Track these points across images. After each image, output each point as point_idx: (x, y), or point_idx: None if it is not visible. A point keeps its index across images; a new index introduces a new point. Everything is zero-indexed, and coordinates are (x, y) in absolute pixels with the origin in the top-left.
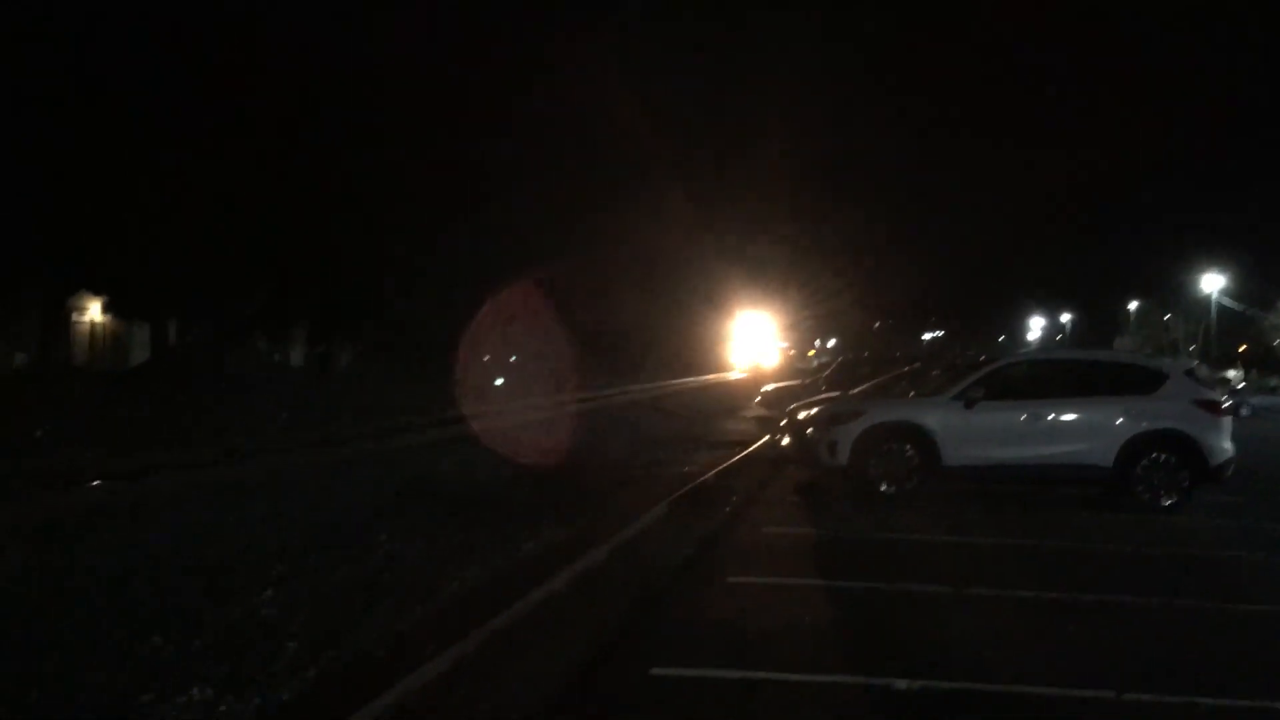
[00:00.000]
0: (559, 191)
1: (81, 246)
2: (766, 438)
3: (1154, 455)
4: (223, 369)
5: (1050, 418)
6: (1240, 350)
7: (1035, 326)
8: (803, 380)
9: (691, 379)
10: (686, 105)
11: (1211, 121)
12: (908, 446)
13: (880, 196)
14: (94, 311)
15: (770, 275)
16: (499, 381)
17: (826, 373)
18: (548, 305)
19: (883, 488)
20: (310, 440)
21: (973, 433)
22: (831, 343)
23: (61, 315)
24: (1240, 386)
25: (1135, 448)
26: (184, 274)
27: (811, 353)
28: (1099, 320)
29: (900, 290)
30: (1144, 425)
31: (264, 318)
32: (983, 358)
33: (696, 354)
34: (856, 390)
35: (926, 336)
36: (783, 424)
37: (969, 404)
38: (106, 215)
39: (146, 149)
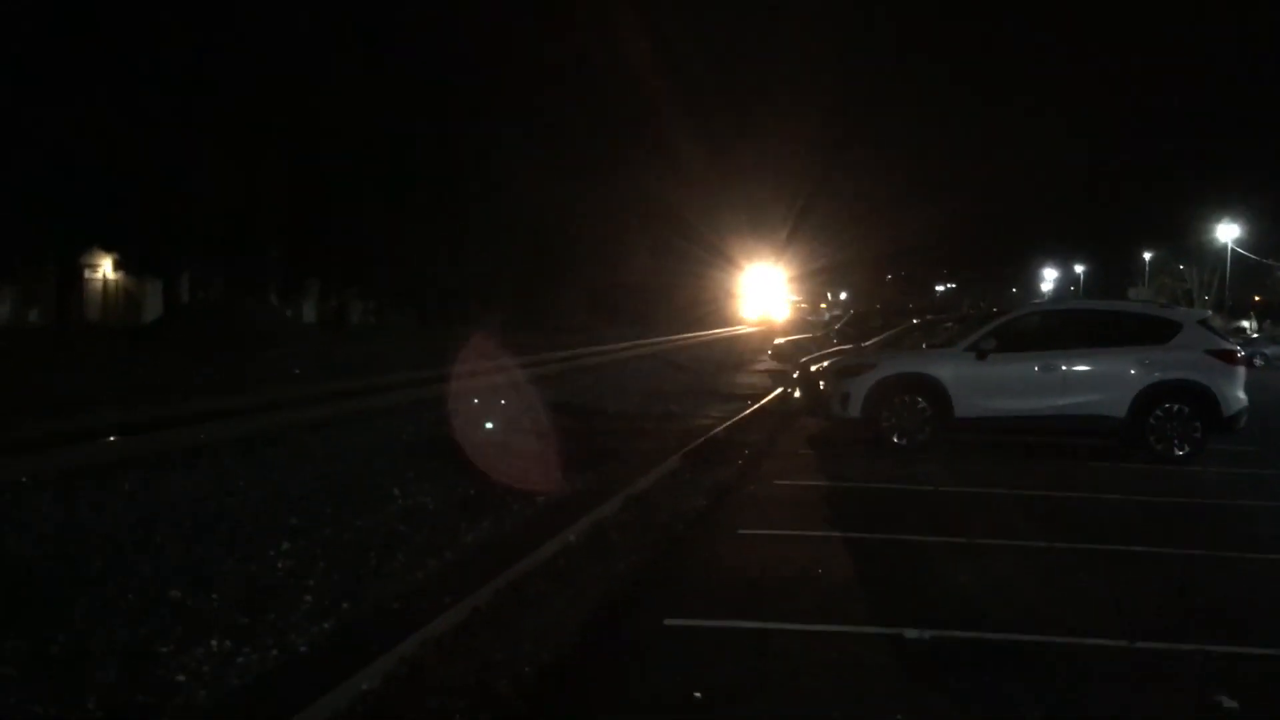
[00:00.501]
0: (569, 141)
1: (93, 202)
2: (778, 390)
3: (1167, 405)
4: (236, 324)
5: (1063, 368)
6: (1254, 300)
7: (1049, 278)
8: (814, 333)
9: (701, 333)
10: (696, 52)
11: (1227, 72)
12: (920, 398)
13: (894, 148)
14: (106, 268)
15: (781, 227)
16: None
17: (838, 326)
18: (562, 258)
19: (895, 439)
20: (326, 393)
21: (985, 384)
22: (843, 296)
23: (74, 272)
24: (1254, 336)
25: (1149, 398)
26: (196, 227)
27: (824, 305)
28: (1113, 271)
29: (913, 242)
30: (1157, 375)
31: (277, 271)
32: (995, 309)
33: (707, 308)
34: (869, 343)
35: (939, 288)
36: (795, 376)
37: (981, 355)
38: (118, 170)
39: (155, 104)
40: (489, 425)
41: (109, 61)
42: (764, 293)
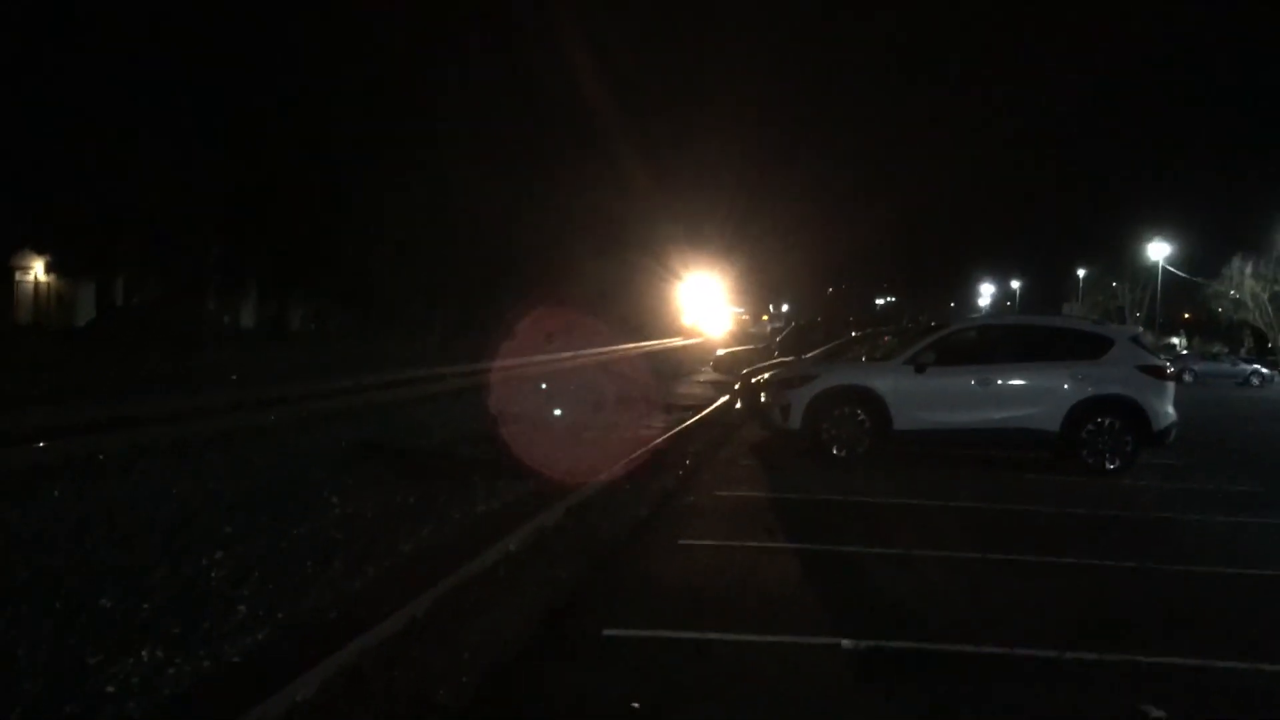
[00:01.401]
0: (512, 147)
1: (25, 203)
2: (720, 401)
3: (1099, 420)
4: (171, 329)
5: (999, 382)
6: (1185, 317)
7: (985, 293)
8: (756, 345)
9: (642, 343)
10: (635, 61)
11: (1160, 92)
12: (859, 410)
13: (834, 163)
14: (38, 270)
15: (721, 238)
16: (442, 341)
17: (779, 338)
18: (505, 265)
19: (835, 451)
20: (264, 399)
21: (923, 397)
22: (785, 308)
23: (5, 273)
24: (1184, 352)
25: (1081, 412)
26: (130, 228)
27: (765, 317)
28: (1048, 286)
29: (852, 255)
30: (1090, 390)
31: (214, 274)
32: (933, 323)
33: (646, 317)
34: (809, 355)
35: (879, 302)
36: (736, 388)
37: (919, 369)
38: (50, 169)
39: (90, 104)
40: (428, 432)
41: (41, 62)
42: (704, 303)
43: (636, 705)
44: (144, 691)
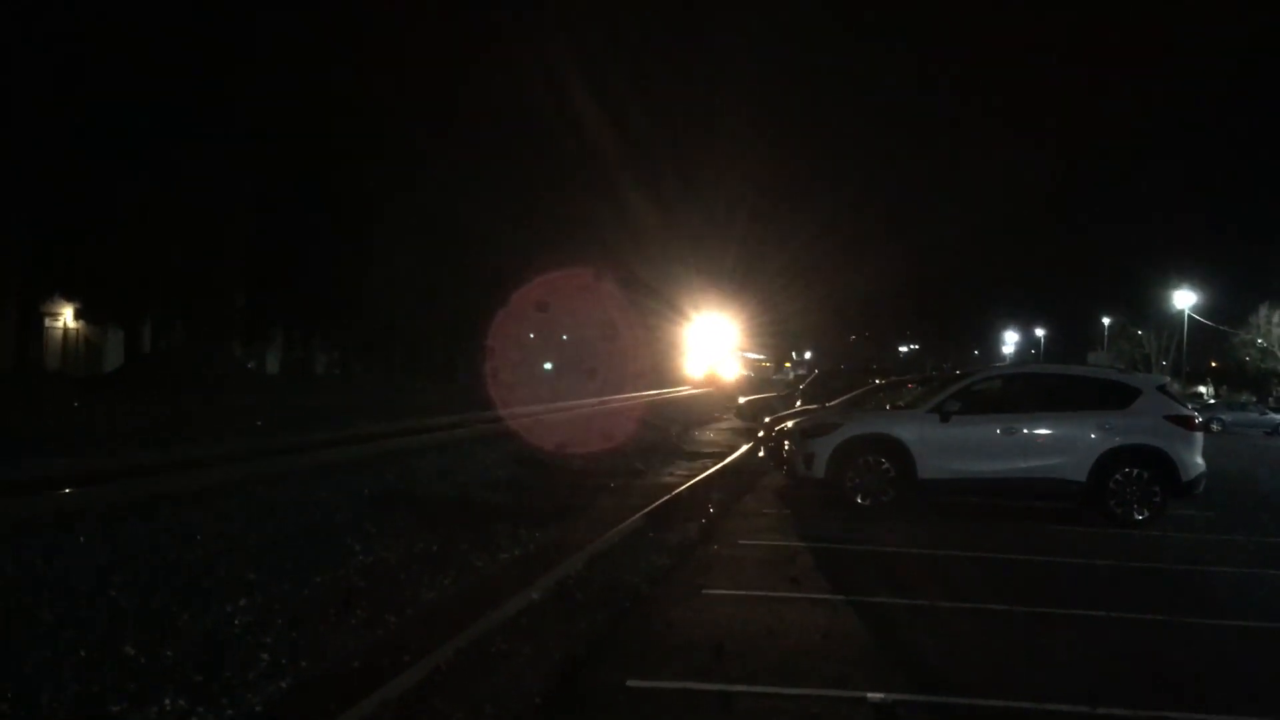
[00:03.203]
0: (521, 194)
1: (55, 250)
2: (743, 449)
3: (1127, 470)
4: (196, 374)
5: (1025, 431)
6: (1212, 366)
7: (1009, 341)
8: (779, 393)
9: (662, 390)
10: (649, 106)
11: (1187, 141)
12: (884, 459)
13: (853, 211)
14: (67, 317)
15: (737, 283)
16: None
17: (802, 386)
18: (523, 311)
19: (859, 500)
20: (288, 445)
21: (948, 446)
22: (807, 355)
23: (34, 320)
24: (1212, 402)
25: (1109, 462)
26: (158, 276)
27: (787, 364)
28: (1073, 335)
29: (875, 304)
30: (1117, 440)
31: (240, 320)
32: (958, 371)
33: (659, 363)
34: (833, 403)
35: (902, 350)
36: (759, 436)
37: (945, 417)
38: (80, 218)
39: (120, 154)
40: (451, 478)
41: (70, 111)
42: (719, 351)
43: None
44: None
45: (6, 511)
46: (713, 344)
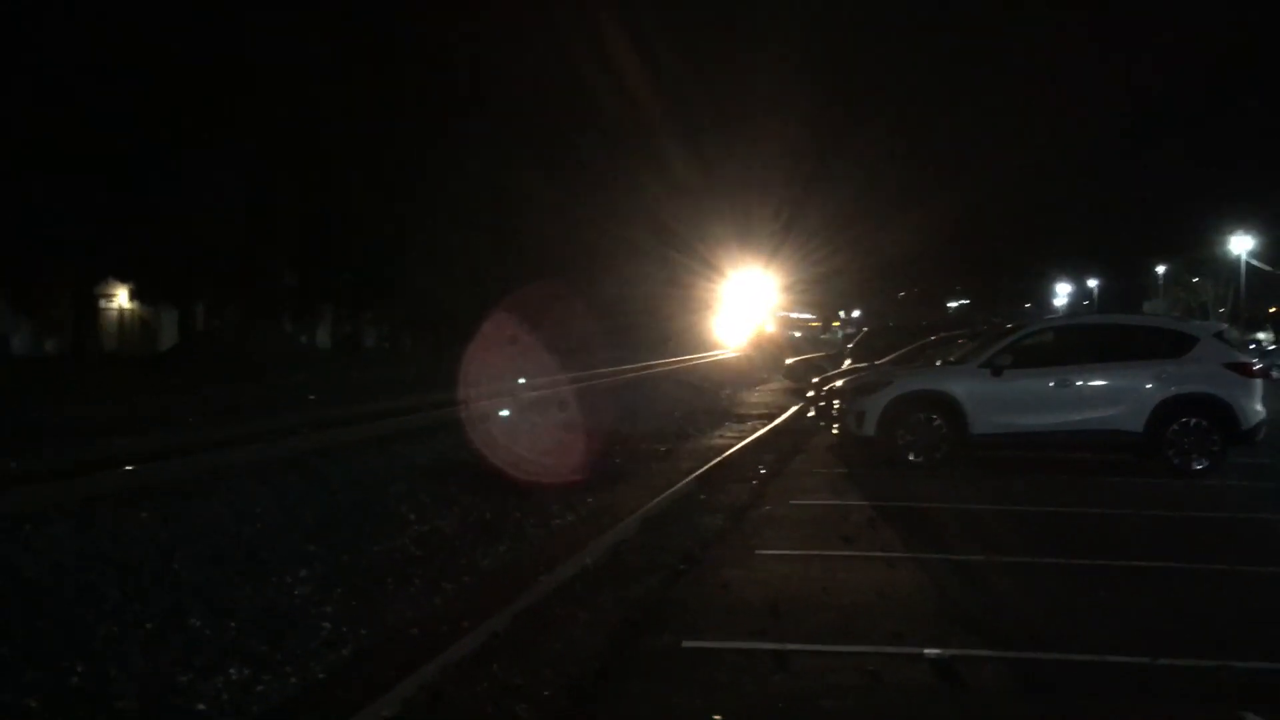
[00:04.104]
0: (568, 154)
1: (107, 235)
2: (793, 409)
3: (1185, 419)
4: (249, 352)
5: (1079, 384)
6: (1270, 312)
7: (1062, 292)
8: (827, 352)
9: (695, 356)
10: (680, 59)
11: (1238, 81)
12: (935, 416)
13: (902, 167)
14: (122, 298)
15: (783, 247)
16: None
17: (851, 344)
18: (570, 275)
19: (911, 457)
20: (342, 418)
21: (1001, 401)
22: (856, 314)
23: (90, 302)
24: (1271, 348)
25: (1166, 412)
26: (209, 257)
27: (836, 324)
28: (1126, 284)
29: (923, 259)
30: (1174, 389)
31: (290, 298)
32: (1009, 325)
33: (698, 328)
34: (883, 360)
35: (951, 305)
36: (809, 395)
37: (996, 372)
38: (133, 200)
39: (170, 135)
40: (504, 445)
41: (122, 100)
42: (765, 310)
43: (718, 717)
44: (235, 711)
45: (71, 490)
46: (758, 304)
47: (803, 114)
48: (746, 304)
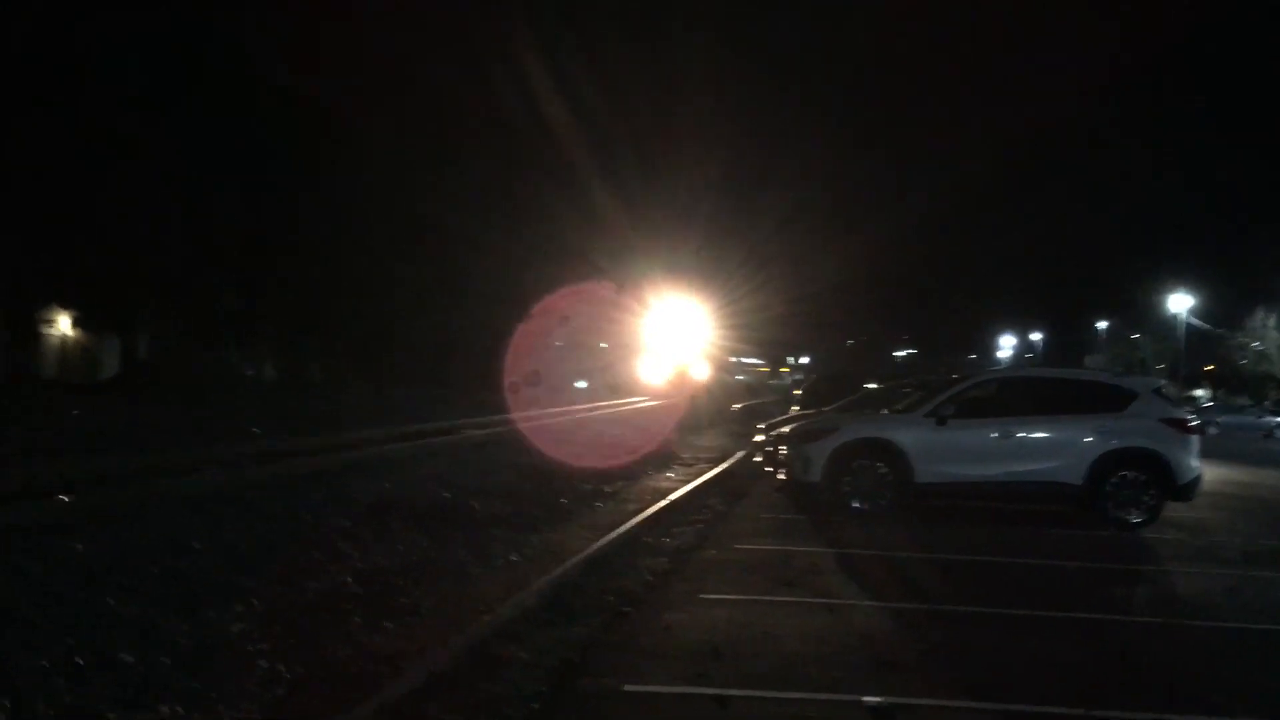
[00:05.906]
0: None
1: (45, 258)
2: (739, 454)
3: (1123, 473)
4: (191, 381)
5: (1021, 435)
6: (1208, 369)
7: (1006, 345)
8: (774, 397)
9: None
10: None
11: (1181, 145)
12: (880, 463)
13: (851, 216)
14: (63, 325)
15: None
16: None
17: (798, 390)
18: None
19: (855, 504)
20: (282, 450)
21: (945, 450)
22: (805, 360)
23: (30, 326)
24: (1208, 405)
25: (1105, 465)
26: (148, 283)
27: (784, 369)
28: (1069, 339)
29: (872, 309)
30: (1113, 443)
31: (233, 322)
32: (954, 375)
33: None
34: (830, 407)
35: (898, 354)
36: (755, 440)
37: (941, 421)
38: (70, 226)
39: (110, 157)
40: (445, 484)
41: (58, 122)
42: (699, 352)
43: None
44: None
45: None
46: (690, 345)
47: (736, 162)
48: (677, 345)
